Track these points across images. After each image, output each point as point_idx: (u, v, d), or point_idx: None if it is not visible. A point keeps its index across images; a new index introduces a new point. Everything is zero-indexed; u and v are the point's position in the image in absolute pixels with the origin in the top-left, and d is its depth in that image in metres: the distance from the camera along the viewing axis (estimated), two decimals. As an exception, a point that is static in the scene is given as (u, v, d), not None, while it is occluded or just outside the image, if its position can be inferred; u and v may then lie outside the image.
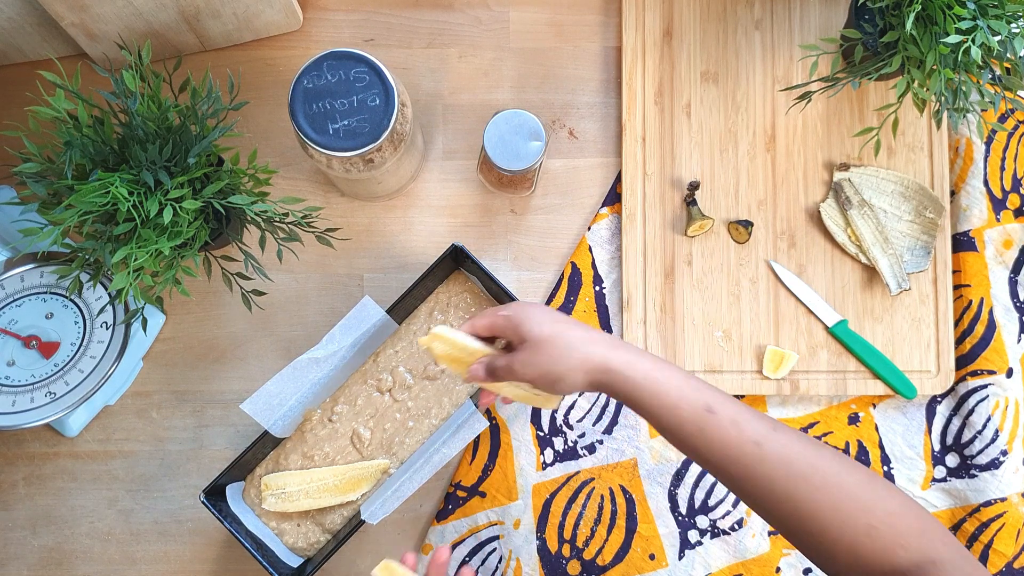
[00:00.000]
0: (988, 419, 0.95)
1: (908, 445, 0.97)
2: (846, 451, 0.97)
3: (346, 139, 0.82)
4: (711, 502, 0.97)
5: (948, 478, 0.97)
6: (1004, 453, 0.95)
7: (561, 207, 1.01)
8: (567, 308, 0.99)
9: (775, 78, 1.00)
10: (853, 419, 0.98)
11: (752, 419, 0.68)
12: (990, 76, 0.85)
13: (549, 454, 0.97)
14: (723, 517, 0.96)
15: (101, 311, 0.91)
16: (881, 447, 0.97)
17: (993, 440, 0.95)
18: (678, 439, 0.69)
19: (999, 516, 0.94)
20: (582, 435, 0.98)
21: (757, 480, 0.66)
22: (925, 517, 0.65)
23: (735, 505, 0.96)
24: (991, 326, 0.97)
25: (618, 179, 1.00)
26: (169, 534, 0.98)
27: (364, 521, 0.89)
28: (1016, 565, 0.94)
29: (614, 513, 0.97)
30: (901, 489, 0.66)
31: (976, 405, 0.96)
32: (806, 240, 0.98)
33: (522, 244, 1.00)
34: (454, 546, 0.96)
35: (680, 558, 0.96)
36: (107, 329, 0.92)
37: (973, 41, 0.79)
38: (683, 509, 0.97)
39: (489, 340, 0.80)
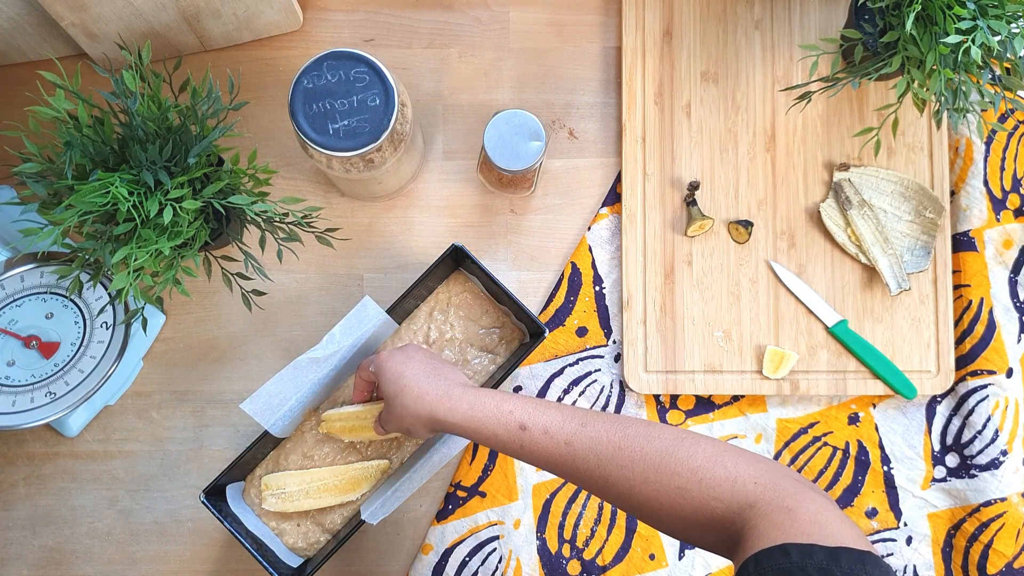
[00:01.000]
0: (988, 419, 0.95)
1: (908, 445, 0.97)
2: (846, 451, 0.97)
3: (346, 139, 0.82)
4: (711, 502, 0.97)
5: (948, 478, 0.97)
6: (1004, 453, 0.95)
7: (561, 207, 1.01)
8: (567, 308, 0.99)
9: (775, 78, 1.00)
10: (853, 419, 0.98)
11: (563, 422, 0.71)
12: (990, 76, 0.85)
13: (549, 454, 0.97)
14: (723, 517, 0.96)
15: (101, 311, 0.91)
16: (881, 447, 0.97)
17: (993, 440, 0.95)
18: (518, 458, 0.74)
19: (999, 516, 0.94)
20: (582, 435, 0.97)
21: (578, 475, 0.70)
22: (738, 463, 0.64)
23: (735, 505, 0.96)
24: (991, 326, 0.97)
25: (618, 179, 1.00)
26: (169, 534, 0.98)
27: (364, 521, 0.89)
28: (1016, 565, 0.94)
29: (614, 513, 0.97)
30: (715, 440, 0.67)
31: (976, 405, 0.96)
32: (806, 240, 0.98)
33: (522, 244, 1.00)
34: (454, 546, 0.96)
35: (680, 558, 0.96)
36: (107, 329, 0.92)
37: (973, 41, 0.79)
38: (683, 509, 0.97)
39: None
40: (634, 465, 0.67)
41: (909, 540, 0.96)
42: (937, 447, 0.97)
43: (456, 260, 0.95)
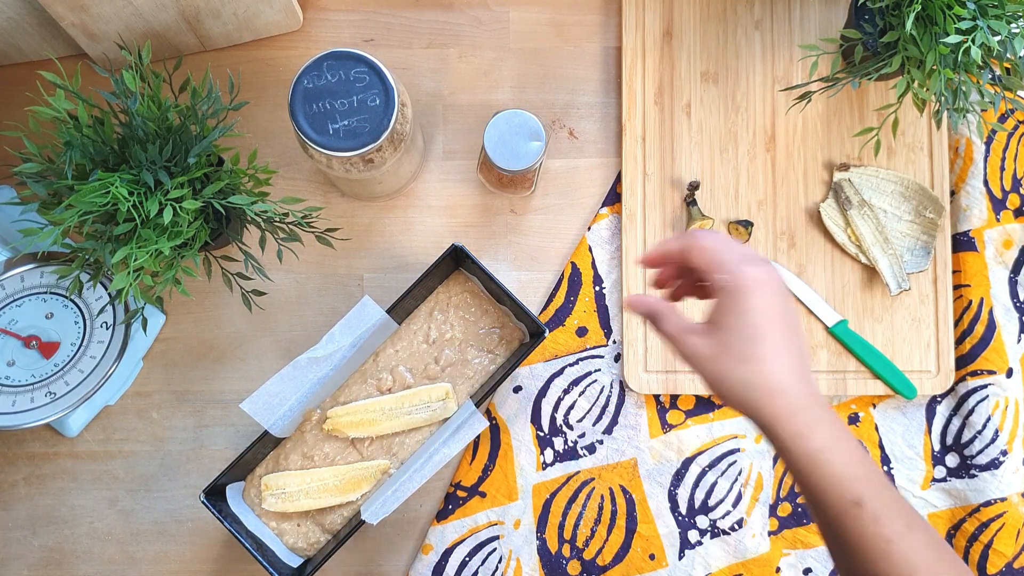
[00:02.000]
0: (988, 419, 0.95)
1: (908, 445, 0.97)
2: (846, 451, 0.97)
3: (346, 139, 0.82)
4: (711, 502, 0.97)
5: (948, 478, 0.97)
6: (1004, 453, 0.95)
7: (561, 207, 1.01)
8: (567, 308, 0.99)
9: (775, 78, 1.00)
10: (853, 419, 0.98)
11: (893, 515, 0.61)
12: (990, 76, 0.85)
13: (549, 454, 0.97)
14: (723, 517, 0.96)
15: (101, 311, 0.91)
16: (881, 447, 0.97)
17: (993, 440, 0.95)
18: (812, 505, 0.63)
19: (999, 516, 0.94)
20: (582, 435, 0.98)
21: (872, 573, 0.61)
22: None
23: (735, 505, 0.96)
24: (991, 326, 0.97)
25: (618, 179, 1.00)
26: (169, 534, 0.98)
27: (364, 521, 0.89)
28: (1016, 565, 0.94)
29: (614, 513, 0.97)
30: None
31: (976, 405, 0.96)
32: (806, 240, 0.98)
33: (522, 244, 1.00)
34: (454, 546, 0.96)
35: (680, 558, 0.96)
36: (107, 329, 0.92)
37: (973, 41, 0.79)
38: (683, 509, 0.97)
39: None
40: None
41: (909, 540, 0.96)
42: (937, 447, 0.97)
43: (456, 260, 0.95)
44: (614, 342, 0.99)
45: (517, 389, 0.98)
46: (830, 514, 0.61)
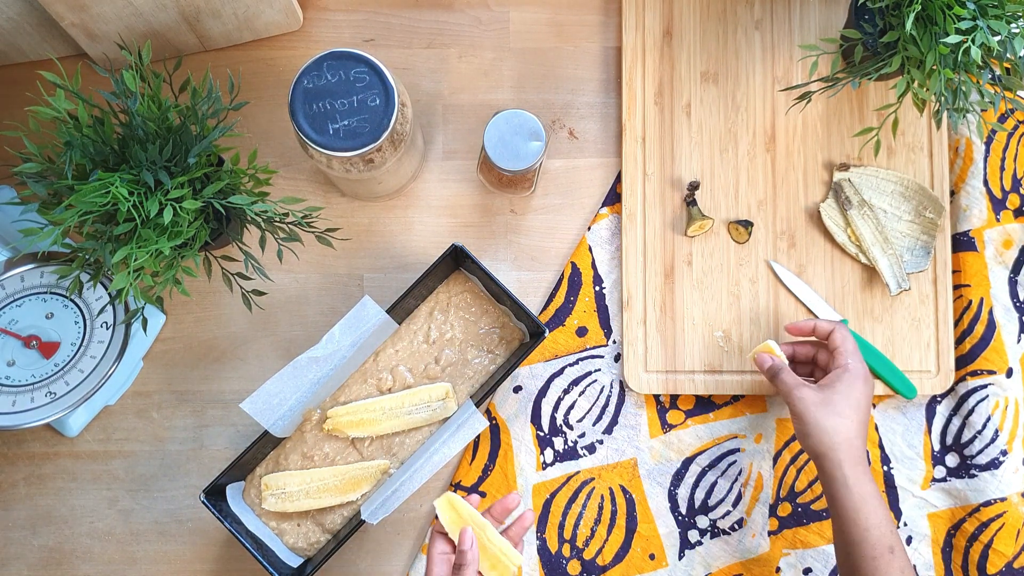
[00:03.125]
0: (988, 419, 0.95)
1: (908, 445, 0.97)
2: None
3: (346, 139, 0.82)
4: (711, 502, 0.97)
5: (948, 478, 0.97)
6: (1004, 453, 0.95)
7: (561, 207, 1.01)
8: (567, 308, 0.99)
9: (775, 78, 1.00)
10: (853, 419, 0.98)
11: (909, 567, 0.82)
12: (990, 76, 0.85)
13: (549, 454, 0.97)
14: (723, 517, 0.96)
15: (101, 311, 0.91)
16: (881, 447, 0.97)
17: (993, 440, 0.95)
18: (846, 550, 0.82)
19: (999, 516, 0.94)
20: (582, 435, 0.98)
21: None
22: None
23: (735, 505, 0.96)
24: (991, 326, 0.97)
25: (618, 179, 1.00)
26: (169, 534, 0.98)
27: (364, 521, 0.89)
28: (1016, 565, 0.94)
29: (614, 513, 0.97)
30: None
31: (976, 405, 0.96)
32: (806, 240, 0.98)
33: (522, 244, 1.00)
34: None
35: (680, 558, 0.96)
36: (107, 329, 0.92)
37: (973, 41, 0.79)
38: (683, 509, 0.97)
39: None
40: None
41: (909, 540, 0.96)
42: (937, 447, 0.97)
43: (456, 260, 0.95)
44: (614, 342, 0.99)
45: (517, 389, 0.98)
46: (867, 555, 0.81)
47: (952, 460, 0.97)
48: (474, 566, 0.79)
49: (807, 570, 0.96)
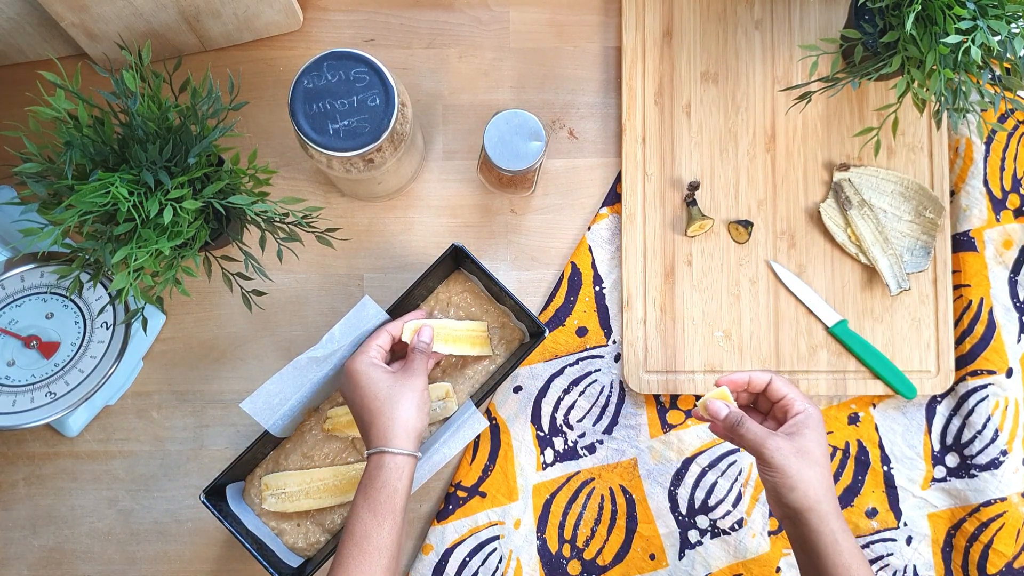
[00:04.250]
0: (988, 419, 0.95)
1: (908, 445, 0.97)
2: (846, 451, 0.97)
3: (346, 139, 0.82)
4: (711, 502, 0.97)
5: (948, 478, 0.97)
6: (1004, 453, 0.95)
7: (561, 207, 1.01)
8: (567, 308, 0.99)
9: (775, 78, 1.00)
10: (853, 419, 0.98)
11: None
12: (990, 76, 0.85)
13: (549, 454, 0.97)
14: (723, 517, 0.96)
15: (101, 311, 0.91)
16: (881, 447, 0.97)
17: (993, 440, 0.95)
18: None
19: (999, 516, 0.94)
20: (582, 435, 0.98)
21: None
22: None
23: (735, 505, 0.96)
24: (991, 326, 0.97)
25: (618, 179, 1.00)
26: (169, 534, 0.98)
27: (364, 521, 0.89)
28: (1016, 565, 0.94)
29: (614, 513, 0.97)
30: None
31: (976, 405, 0.96)
32: (806, 240, 0.98)
33: (522, 244, 1.00)
34: (454, 546, 0.96)
35: (680, 558, 0.96)
36: (107, 329, 0.92)
37: (973, 41, 0.79)
38: (683, 509, 0.97)
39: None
40: None
41: (909, 540, 0.96)
42: (937, 447, 0.97)
43: (456, 260, 0.95)
44: (614, 342, 0.99)
45: (517, 389, 0.98)
46: None
47: (952, 460, 0.97)
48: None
49: (807, 570, 0.96)
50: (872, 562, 0.96)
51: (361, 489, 0.82)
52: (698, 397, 0.98)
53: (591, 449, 0.97)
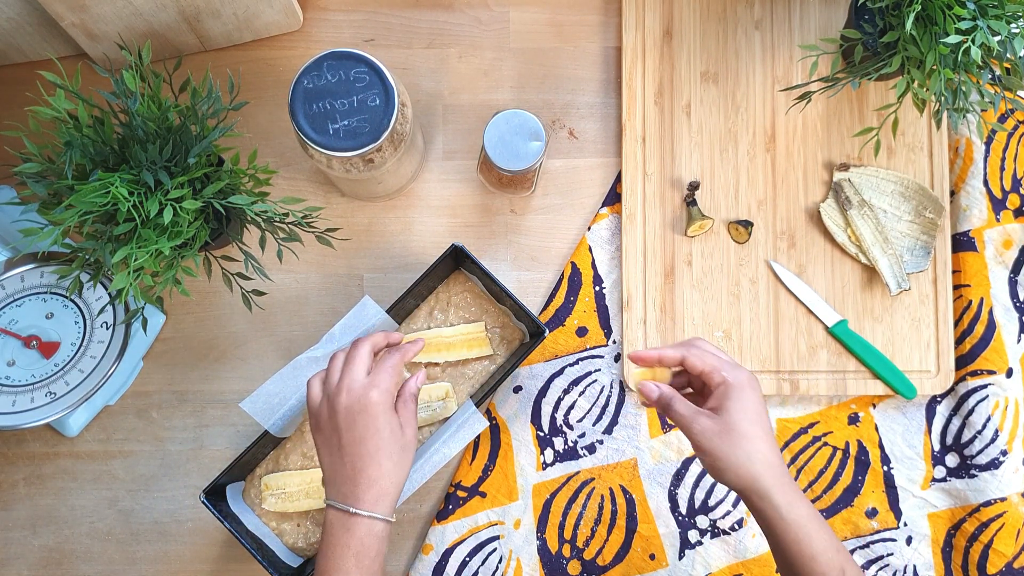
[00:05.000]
0: (988, 419, 0.95)
1: (908, 445, 0.97)
2: (846, 451, 0.97)
3: (346, 139, 0.82)
4: (711, 502, 0.97)
5: (948, 478, 0.97)
6: (1004, 453, 0.95)
7: (561, 207, 1.01)
8: (567, 308, 0.99)
9: (775, 78, 1.00)
10: (853, 419, 0.98)
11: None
12: (990, 76, 0.85)
13: (549, 454, 0.97)
14: (723, 517, 0.96)
15: (101, 311, 0.91)
16: (881, 447, 0.97)
17: (993, 440, 0.95)
18: (798, 570, 0.73)
19: (999, 516, 0.94)
20: (582, 435, 0.98)
21: None
22: None
23: (735, 505, 0.96)
24: (991, 326, 0.97)
25: (618, 179, 1.00)
26: (169, 534, 0.98)
27: (364, 521, 0.89)
28: (1016, 565, 0.94)
29: (614, 513, 0.97)
30: None
31: (976, 405, 0.96)
32: (806, 240, 0.98)
33: (522, 244, 1.00)
34: (454, 546, 0.96)
35: (680, 558, 0.96)
36: (107, 329, 0.92)
37: (973, 41, 0.79)
38: (683, 509, 0.97)
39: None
40: None
41: (909, 540, 0.96)
42: (937, 447, 0.97)
43: (456, 260, 0.95)
44: (614, 342, 0.99)
45: (517, 389, 0.98)
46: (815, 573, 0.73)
47: (952, 460, 0.97)
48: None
49: (807, 570, 0.96)
50: (872, 562, 0.96)
51: (352, 556, 0.74)
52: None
53: (591, 449, 0.97)
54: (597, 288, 0.99)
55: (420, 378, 0.83)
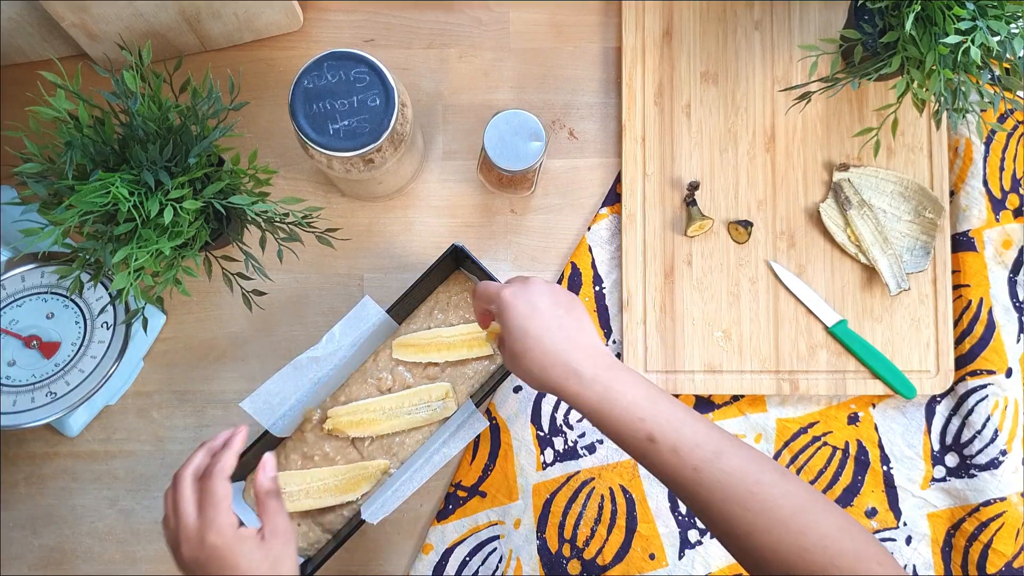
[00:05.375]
0: (987, 419, 0.95)
1: (907, 445, 0.97)
2: (845, 451, 0.97)
3: (346, 139, 0.82)
4: (711, 502, 0.97)
5: (947, 478, 0.97)
6: (1003, 453, 0.95)
7: (561, 207, 1.01)
8: (567, 308, 0.99)
9: (775, 78, 1.00)
10: (852, 419, 0.98)
11: (695, 446, 0.68)
12: (989, 76, 0.85)
13: (549, 454, 0.97)
14: (723, 517, 0.96)
15: (102, 311, 0.92)
16: (880, 447, 0.97)
17: (992, 440, 0.95)
18: (641, 464, 0.71)
19: (998, 516, 0.94)
20: (582, 435, 0.98)
21: (695, 502, 0.69)
22: (863, 540, 0.66)
23: (735, 505, 0.96)
24: (990, 326, 0.97)
25: (618, 179, 1.00)
26: (169, 534, 0.98)
27: (364, 521, 0.89)
28: (1016, 565, 0.94)
29: (614, 513, 0.97)
30: (845, 512, 0.68)
31: (975, 405, 0.96)
32: (806, 240, 0.98)
33: (522, 244, 1.00)
34: (454, 546, 0.97)
35: (680, 558, 0.96)
36: (108, 329, 0.92)
37: (972, 41, 0.79)
38: (683, 509, 0.97)
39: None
40: (762, 514, 0.66)
41: (909, 540, 0.97)
42: (936, 447, 0.97)
43: (456, 260, 0.95)
44: (614, 342, 0.99)
45: (517, 389, 0.99)
46: (635, 454, 0.70)
47: (952, 460, 0.97)
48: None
49: (807, 570, 0.96)
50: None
51: None
52: (698, 397, 0.98)
53: (591, 449, 0.97)
54: (597, 288, 0.99)
55: (268, 469, 0.77)
